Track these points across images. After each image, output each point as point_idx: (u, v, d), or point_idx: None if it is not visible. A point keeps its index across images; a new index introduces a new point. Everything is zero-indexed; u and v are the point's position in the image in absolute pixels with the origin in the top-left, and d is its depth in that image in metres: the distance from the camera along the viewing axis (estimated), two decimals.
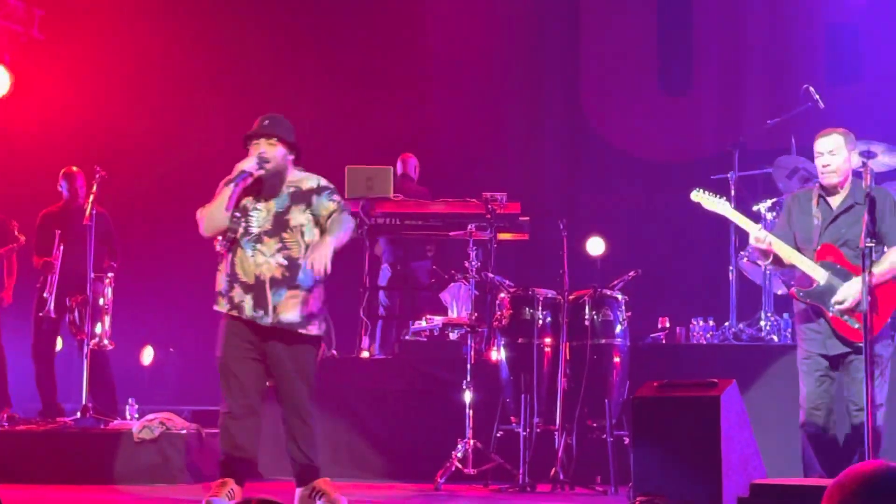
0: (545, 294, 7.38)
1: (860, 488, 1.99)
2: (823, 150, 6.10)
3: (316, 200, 5.91)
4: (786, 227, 6.23)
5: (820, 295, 5.98)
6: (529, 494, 6.86)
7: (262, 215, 5.82)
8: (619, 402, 7.19)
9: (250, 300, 5.74)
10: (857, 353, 5.92)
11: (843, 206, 6.10)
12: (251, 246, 5.79)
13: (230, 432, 5.81)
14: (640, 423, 5.52)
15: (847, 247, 6.03)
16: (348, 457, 7.87)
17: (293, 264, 5.80)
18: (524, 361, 7.26)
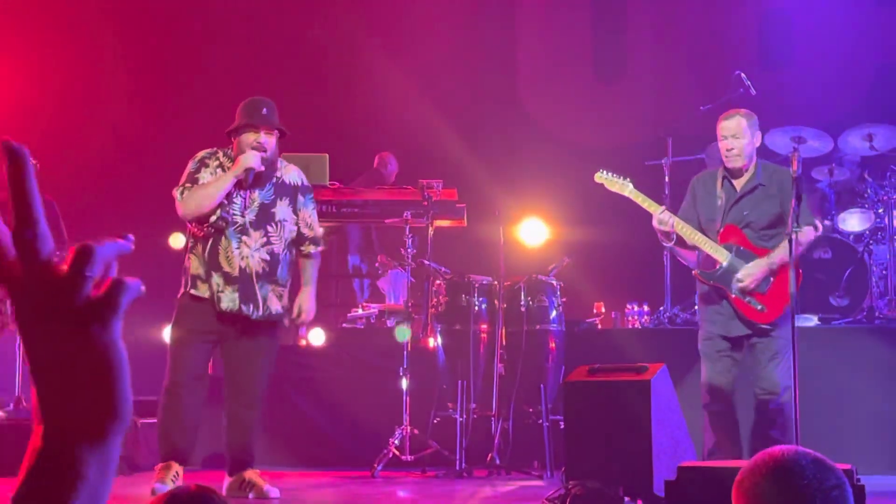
0: (481, 280, 7.41)
1: (771, 473, 2.03)
2: (727, 134, 6.12)
3: (301, 203, 5.94)
4: (690, 209, 6.25)
5: (722, 276, 6.02)
6: (466, 480, 6.89)
7: (248, 206, 5.80)
8: (554, 388, 7.24)
9: (232, 293, 5.71)
10: (760, 336, 5.98)
11: (746, 187, 6.13)
12: (236, 237, 5.75)
13: (175, 410, 5.76)
14: (571, 408, 5.56)
15: (750, 228, 6.07)
16: (284, 445, 7.84)
17: (274, 259, 5.82)
18: (461, 348, 7.29)
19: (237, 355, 5.83)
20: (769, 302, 5.98)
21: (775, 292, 5.98)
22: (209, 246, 5.77)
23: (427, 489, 6.67)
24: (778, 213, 6.06)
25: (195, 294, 5.80)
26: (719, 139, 6.20)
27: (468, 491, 6.47)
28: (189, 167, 5.91)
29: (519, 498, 5.98)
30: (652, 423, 5.18)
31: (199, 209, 5.72)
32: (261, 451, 7.74)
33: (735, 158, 6.10)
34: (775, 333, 5.97)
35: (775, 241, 6.05)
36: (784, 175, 6.21)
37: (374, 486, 6.75)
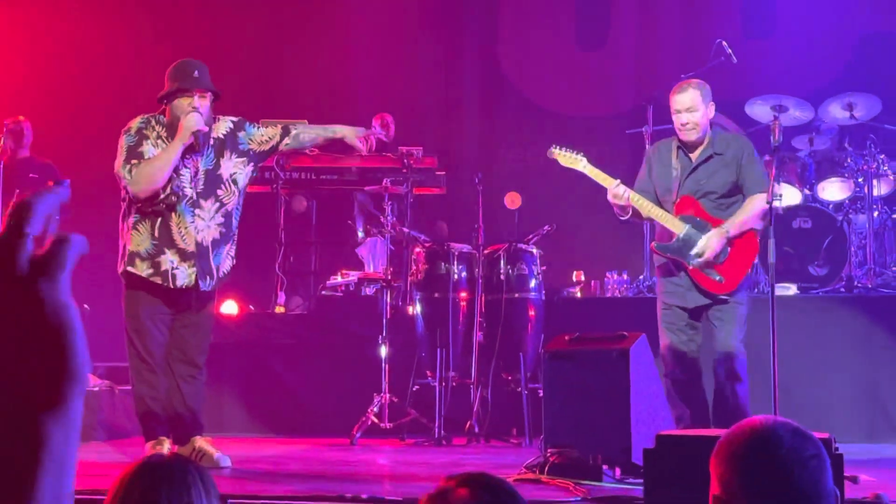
0: (460, 249, 7.39)
1: (749, 442, 2.02)
2: (681, 108, 6.05)
3: (242, 136, 5.83)
4: (646, 180, 6.19)
5: (679, 248, 5.99)
6: (445, 447, 6.90)
7: (193, 175, 5.70)
8: (533, 356, 7.24)
9: (189, 269, 5.63)
10: (717, 306, 5.97)
11: (701, 157, 6.09)
12: (190, 211, 5.65)
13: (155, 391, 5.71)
14: (551, 377, 5.56)
15: (706, 198, 6.03)
16: (263, 413, 7.84)
17: (228, 217, 5.76)
18: (440, 316, 7.28)
19: (184, 324, 5.78)
20: (727, 272, 5.96)
21: (733, 262, 5.96)
22: (159, 222, 5.63)
23: (406, 457, 6.67)
24: (734, 181, 6.04)
25: (133, 272, 5.68)
26: (673, 113, 6.13)
27: (447, 458, 6.47)
28: (126, 141, 5.68)
29: (497, 465, 5.97)
30: (631, 391, 5.18)
31: (151, 184, 5.56)
32: (239, 418, 7.78)
33: (690, 132, 6.04)
34: (733, 302, 5.97)
35: (732, 211, 6.03)
36: (739, 143, 6.19)
37: (352, 454, 6.75)
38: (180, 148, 5.56)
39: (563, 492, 4.84)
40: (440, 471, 5.93)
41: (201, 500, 2.09)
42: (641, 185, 6.18)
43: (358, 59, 10.52)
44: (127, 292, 5.77)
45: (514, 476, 5.28)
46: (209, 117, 5.70)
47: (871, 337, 7.34)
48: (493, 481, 1.78)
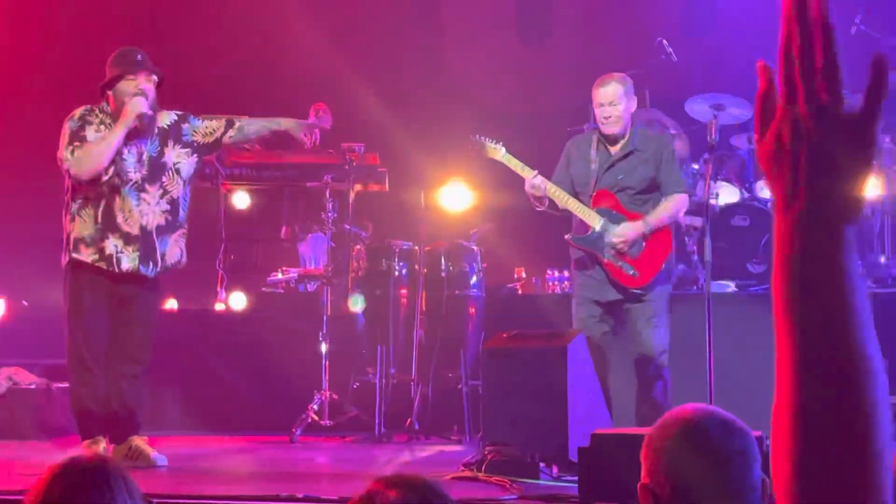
0: (402, 245, 7.39)
1: (677, 433, 2.03)
2: (604, 101, 6.10)
3: (186, 128, 5.80)
4: (564, 173, 6.23)
5: (595, 241, 6.03)
6: (385, 445, 6.89)
7: (136, 160, 5.66)
8: (474, 353, 7.25)
9: (133, 253, 5.58)
10: (633, 301, 6.02)
11: (621, 152, 6.14)
12: (135, 195, 5.61)
13: (93, 387, 5.65)
14: (489, 374, 5.57)
15: (623, 193, 6.08)
16: (202, 411, 7.77)
17: (175, 206, 5.72)
18: (380, 313, 7.27)
19: (127, 320, 5.71)
20: (641, 266, 6.00)
21: (648, 257, 6.02)
22: (102, 206, 5.59)
23: (346, 454, 6.66)
24: (652, 177, 6.09)
25: (79, 259, 5.62)
26: (595, 106, 6.18)
27: (387, 456, 6.47)
28: (69, 127, 5.64)
29: (437, 463, 5.99)
30: (568, 389, 5.20)
31: (94, 166, 5.52)
32: (178, 415, 7.71)
33: (612, 125, 6.08)
34: (648, 297, 6.01)
35: (649, 206, 6.08)
36: (659, 141, 6.24)
37: (292, 451, 6.72)
38: (124, 130, 5.53)
39: (500, 489, 4.85)
40: (380, 469, 5.93)
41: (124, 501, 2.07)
42: (558, 177, 6.22)
43: (299, 54, 10.46)
44: (70, 283, 5.70)
45: (452, 474, 5.29)
46: (154, 102, 5.68)
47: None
48: (421, 482, 1.77)
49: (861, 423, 1.15)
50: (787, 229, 1.18)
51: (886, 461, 1.16)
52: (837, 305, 1.17)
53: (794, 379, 1.19)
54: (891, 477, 1.16)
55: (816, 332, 1.18)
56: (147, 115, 5.59)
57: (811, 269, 1.17)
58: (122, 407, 5.69)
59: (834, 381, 1.17)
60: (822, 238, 1.16)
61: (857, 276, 1.17)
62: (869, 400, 1.15)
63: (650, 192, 6.11)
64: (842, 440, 1.15)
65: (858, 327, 1.18)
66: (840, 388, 1.16)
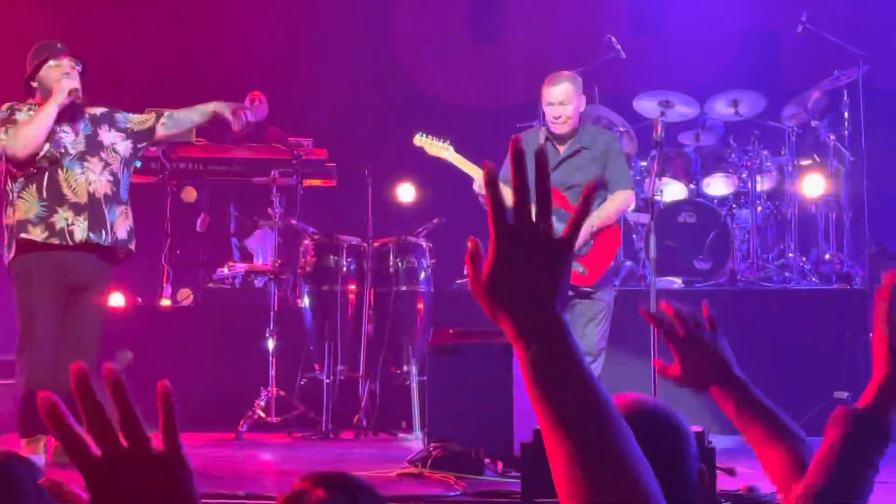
0: (349, 241, 7.36)
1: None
2: (554, 101, 6.11)
3: (119, 117, 5.83)
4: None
5: None
6: (332, 441, 6.87)
7: (72, 138, 5.63)
8: (422, 349, 7.22)
9: (83, 221, 5.53)
10: (581, 298, 6.05)
11: (569, 150, 6.15)
12: (78, 164, 5.58)
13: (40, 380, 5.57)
14: (435, 370, 5.56)
15: (572, 191, 6.09)
16: (146, 407, 7.59)
17: (116, 179, 5.70)
18: (328, 309, 7.23)
19: (78, 313, 5.65)
20: (590, 264, 6.03)
21: (596, 255, 6.04)
22: (46, 181, 5.56)
23: (292, 451, 6.63)
24: (600, 175, 6.11)
25: (28, 239, 5.55)
26: (545, 105, 6.19)
27: (334, 453, 6.44)
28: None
29: (384, 459, 5.96)
30: (514, 385, 5.20)
31: (31, 139, 5.49)
32: None
33: (562, 125, 6.10)
34: (597, 296, 6.05)
35: (597, 204, 6.11)
36: (606, 138, 6.26)
37: (238, 448, 6.67)
38: (56, 107, 5.52)
39: (445, 486, 4.85)
40: (326, 465, 5.90)
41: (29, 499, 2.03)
42: (506, 175, 6.18)
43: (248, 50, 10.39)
44: (20, 276, 5.62)
45: (397, 470, 5.28)
46: (80, 90, 5.67)
47: (754, 328, 7.48)
48: (349, 481, 1.76)
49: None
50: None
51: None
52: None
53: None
54: None
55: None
56: (79, 91, 5.58)
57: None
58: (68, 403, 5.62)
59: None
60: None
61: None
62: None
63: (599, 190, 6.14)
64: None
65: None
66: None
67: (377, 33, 10.67)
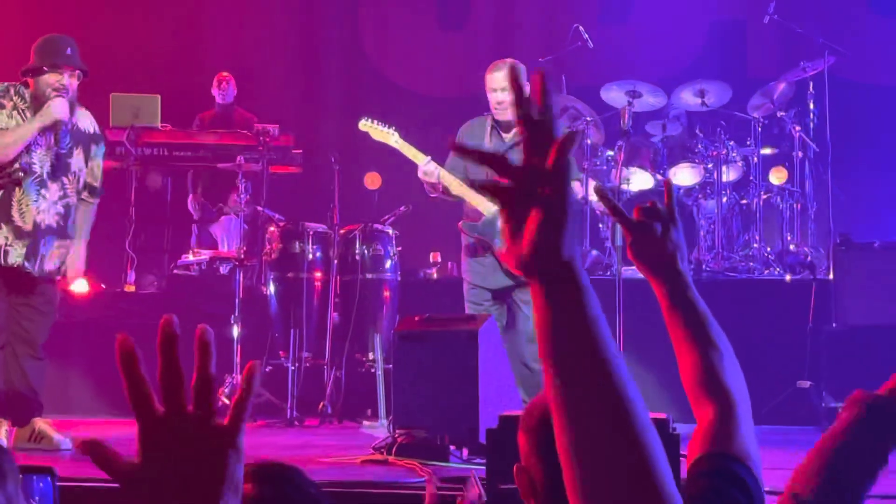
0: (315, 228, 7.32)
1: (545, 415, 2.00)
2: (497, 87, 6.10)
3: (93, 152, 5.72)
4: (457, 159, 6.17)
5: (486, 228, 6.05)
6: (297, 429, 6.84)
7: (43, 153, 5.53)
8: (388, 337, 7.22)
9: (21, 248, 5.46)
10: (522, 287, 6.04)
11: (515, 138, 6.15)
12: (35, 189, 5.49)
13: None
14: (400, 357, 5.55)
15: None
16: (110, 394, 7.64)
17: (68, 213, 5.61)
18: (294, 296, 7.20)
19: (24, 302, 5.60)
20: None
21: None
22: (1, 196, 5.49)
23: (257, 438, 6.58)
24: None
25: None
26: (489, 91, 6.16)
27: (299, 440, 6.42)
28: None
29: (349, 447, 5.95)
30: (479, 373, 5.20)
31: (3, 153, 5.43)
32: (84, 398, 7.58)
33: (506, 111, 6.07)
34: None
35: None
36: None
37: None
38: (38, 129, 5.42)
39: (410, 473, 4.84)
40: (290, 453, 5.88)
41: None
42: (453, 162, 6.19)
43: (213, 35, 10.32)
44: None
45: (362, 457, 5.26)
46: (74, 96, 5.57)
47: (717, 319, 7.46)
48: (279, 472, 1.72)
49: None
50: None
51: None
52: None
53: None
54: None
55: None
56: (64, 122, 5.49)
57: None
58: (25, 388, 5.58)
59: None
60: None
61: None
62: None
63: None
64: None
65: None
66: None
67: (344, 20, 10.62)
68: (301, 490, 1.66)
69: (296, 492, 1.65)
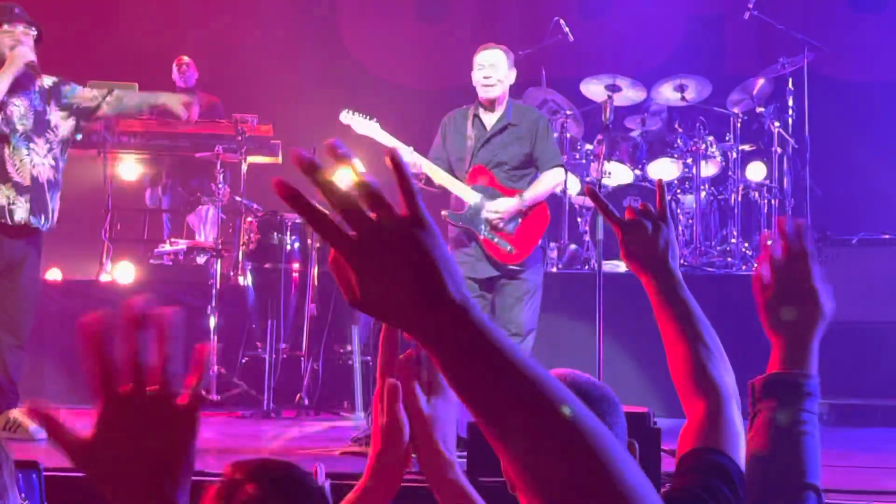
0: (294, 219, 7.28)
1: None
2: (485, 63, 6.11)
3: (66, 91, 5.69)
4: (440, 149, 6.21)
5: (471, 218, 6.05)
6: (274, 420, 6.81)
7: (22, 112, 5.50)
8: (366, 328, 7.20)
9: (24, 203, 5.42)
10: (509, 277, 6.04)
11: (496, 127, 6.14)
12: (24, 144, 5.47)
13: None
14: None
15: (499, 169, 6.09)
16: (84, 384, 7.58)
17: (56, 162, 5.59)
18: (271, 287, 7.16)
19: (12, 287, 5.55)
20: (518, 243, 6.03)
21: (524, 233, 6.03)
22: None
23: (233, 429, 6.55)
24: (528, 153, 6.11)
25: None
26: (476, 69, 6.17)
27: (275, 431, 6.38)
28: None
29: (326, 439, 5.93)
30: None
31: None
32: (60, 388, 7.51)
33: (491, 89, 6.07)
34: (524, 275, 6.04)
35: (524, 182, 6.10)
36: (533, 115, 6.26)
37: None
38: (11, 76, 5.40)
39: None
40: (267, 444, 5.85)
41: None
42: (436, 153, 6.20)
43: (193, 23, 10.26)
44: None
45: (340, 449, 5.24)
46: (33, 55, 5.55)
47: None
48: (284, 472, 1.68)
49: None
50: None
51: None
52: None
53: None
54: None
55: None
56: (35, 63, 5.46)
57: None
58: (3, 379, 5.54)
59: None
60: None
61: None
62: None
63: (526, 167, 6.12)
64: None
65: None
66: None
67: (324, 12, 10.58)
68: (307, 489, 1.63)
69: (301, 490, 1.62)
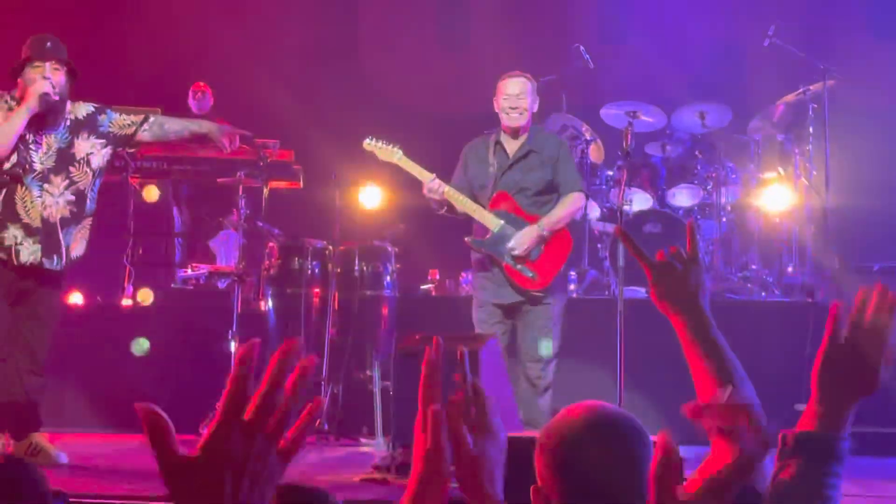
0: (315, 244, 7.31)
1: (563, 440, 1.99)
2: (511, 93, 6.19)
3: (103, 119, 5.71)
4: (462, 176, 6.29)
5: (494, 244, 6.08)
6: None
7: (44, 151, 5.52)
8: (386, 354, 7.19)
9: (33, 245, 5.44)
10: (533, 304, 6.07)
11: (519, 153, 6.20)
12: (38, 185, 5.48)
13: None
14: (401, 375, 5.54)
15: (522, 195, 6.14)
16: (107, 408, 7.61)
17: (80, 197, 5.61)
18: (292, 312, 7.18)
19: (30, 313, 5.58)
20: (540, 269, 6.05)
21: (546, 259, 6.06)
22: (3, 196, 5.47)
23: None
24: (550, 179, 6.15)
25: None
26: (500, 96, 6.25)
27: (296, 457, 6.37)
28: None
29: (347, 464, 5.93)
30: None
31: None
32: (81, 412, 7.54)
33: (518, 118, 6.16)
34: (548, 301, 6.06)
35: (547, 208, 6.14)
36: (555, 142, 6.31)
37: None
38: (27, 114, 5.43)
39: None
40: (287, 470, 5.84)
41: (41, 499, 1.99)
42: (457, 180, 6.27)
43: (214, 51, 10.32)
44: None
45: (361, 476, 5.24)
46: (64, 89, 5.57)
47: None
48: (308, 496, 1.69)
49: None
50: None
51: None
52: None
53: None
54: None
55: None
56: (50, 96, 5.48)
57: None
58: (24, 402, 5.56)
59: None
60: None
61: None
62: None
63: (549, 192, 6.16)
64: None
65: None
66: None
67: (345, 38, 10.63)
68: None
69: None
